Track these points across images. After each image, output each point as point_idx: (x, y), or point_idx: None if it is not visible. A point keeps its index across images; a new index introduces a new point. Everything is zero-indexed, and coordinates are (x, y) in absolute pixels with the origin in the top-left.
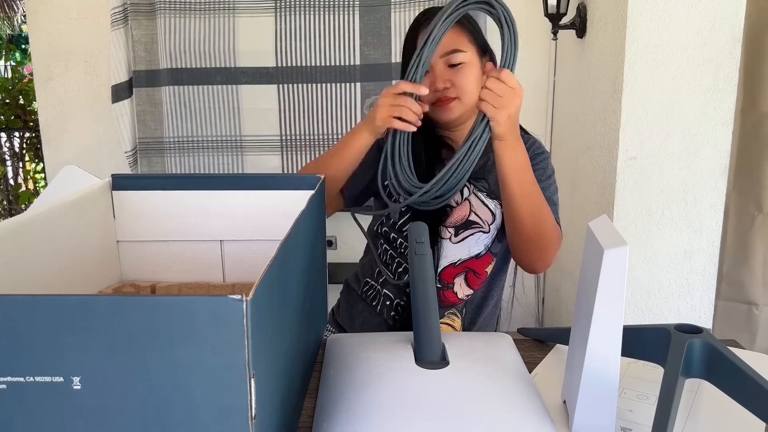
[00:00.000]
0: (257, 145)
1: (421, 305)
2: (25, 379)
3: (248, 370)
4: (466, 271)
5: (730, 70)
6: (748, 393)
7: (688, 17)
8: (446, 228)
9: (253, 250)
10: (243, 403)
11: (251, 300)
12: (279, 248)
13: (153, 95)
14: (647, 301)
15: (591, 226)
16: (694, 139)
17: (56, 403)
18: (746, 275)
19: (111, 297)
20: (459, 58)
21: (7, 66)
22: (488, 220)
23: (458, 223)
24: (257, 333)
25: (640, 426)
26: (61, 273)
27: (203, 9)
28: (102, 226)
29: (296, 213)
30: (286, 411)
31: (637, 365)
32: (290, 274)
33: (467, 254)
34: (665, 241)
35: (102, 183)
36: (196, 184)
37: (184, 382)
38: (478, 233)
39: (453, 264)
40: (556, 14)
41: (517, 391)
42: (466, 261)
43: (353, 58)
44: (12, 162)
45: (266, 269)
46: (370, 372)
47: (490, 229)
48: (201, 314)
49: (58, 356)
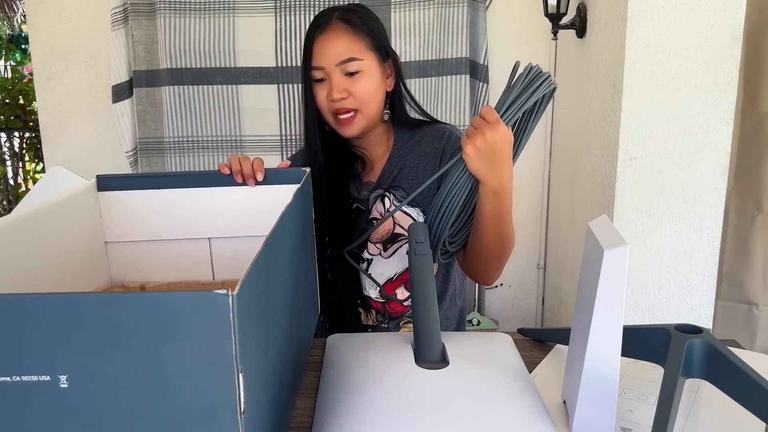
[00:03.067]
0: (257, 145)
1: (421, 305)
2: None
3: (236, 365)
4: (405, 282)
5: (730, 70)
6: (748, 393)
7: (688, 17)
8: (374, 244)
9: (242, 246)
10: (231, 399)
11: (237, 294)
12: (264, 243)
13: (153, 95)
14: (647, 301)
15: (591, 226)
16: (694, 139)
17: (43, 402)
18: (746, 275)
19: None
20: (355, 66)
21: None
22: None
23: (384, 238)
24: (245, 328)
25: (640, 426)
26: (49, 275)
27: (203, 9)
28: (89, 228)
29: (282, 207)
30: (277, 406)
31: (637, 365)
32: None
33: (402, 267)
34: (665, 240)
35: (88, 184)
36: (182, 182)
37: (172, 378)
38: (406, 244)
39: (390, 279)
40: (556, 14)
41: (517, 391)
42: (403, 273)
43: None
44: (12, 162)
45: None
46: (370, 372)
47: None
48: (187, 310)
49: (44, 355)
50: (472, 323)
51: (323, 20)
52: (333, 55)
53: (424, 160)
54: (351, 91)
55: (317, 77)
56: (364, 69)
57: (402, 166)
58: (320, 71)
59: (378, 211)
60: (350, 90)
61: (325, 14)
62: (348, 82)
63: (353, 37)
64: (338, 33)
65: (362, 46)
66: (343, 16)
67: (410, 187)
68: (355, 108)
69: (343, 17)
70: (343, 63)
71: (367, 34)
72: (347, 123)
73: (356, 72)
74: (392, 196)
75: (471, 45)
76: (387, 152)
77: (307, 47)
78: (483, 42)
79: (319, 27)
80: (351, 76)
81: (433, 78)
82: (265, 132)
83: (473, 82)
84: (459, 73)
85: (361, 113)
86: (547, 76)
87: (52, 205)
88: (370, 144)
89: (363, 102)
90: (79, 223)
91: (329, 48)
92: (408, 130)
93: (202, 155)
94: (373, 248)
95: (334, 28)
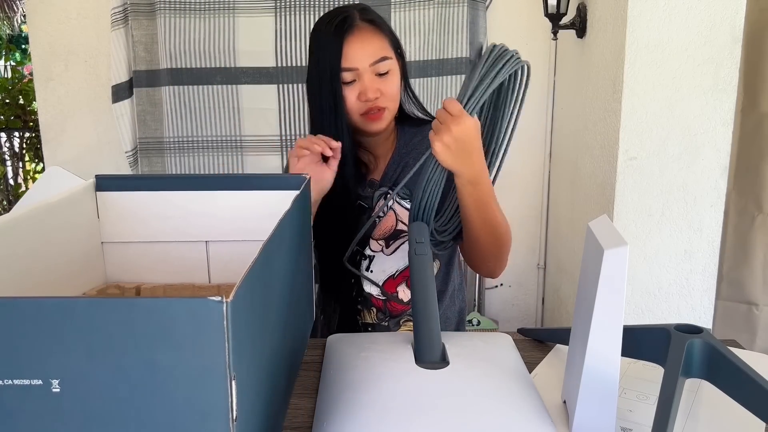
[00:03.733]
0: (257, 145)
1: (421, 305)
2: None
3: (229, 373)
4: (406, 279)
5: (730, 70)
6: (748, 393)
7: (688, 17)
8: (376, 241)
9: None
10: (224, 406)
11: (232, 302)
12: (261, 249)
13: (153, 95)
14: (647, 301)
15: (591, 226)
16: (694, 139)
17: (35, 406)
18: (746, 275)
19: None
20: (386, 66)
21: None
22: None
23: (387, 235)
24: (238, 335)
25: (640, 426)
26: (45, 275)
27: (203, 9)
28: (86, 228)
29: (281, 213)
30: (270, 412)
31: (637, 365)
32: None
33: (404, 264)
34: (665, 240)
35: (86, 184)
36: (180, 184)
37: (164, 384)
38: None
39: (392, 276)
40: (556, 14)
41: (517, 391)
42: (404, 270)
43: None
44: (12, 162)
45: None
46: (370, 372)
47: None
48: (180, 316)
49: (36, 359)
50: (472, 323)
51: (348, 21)
52: (366, 55)
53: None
54: (383, 90)
55: (348, 79)
56: (392, 68)
57: (405, 164)
58: (352, 72)
59: (382, 209)
60: (382, 89)
61: (345, 14)
62: (379, 82)
63: (381, 37)
64: (368, 34)
65: (388, 45)
66: (367, 17)
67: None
68: (385, 106)
69: (367, 18)
70: (376, 63)
71: (389, 33)
72: (377, 118)
73: (386, 72)
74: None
75: (471, 45)
76: (390, 150)
77: (334, 49)
78: (483, 42)
79: (347, 28)
80: (381, 76)
81: (433, 78)
82: (265, 132)
83: None
84: (459, 73)
85: (389, 110)
86: (512, 55)
87: (49, 204)
88: (375, 143)
89: (392, 100)
90: (76, 223)
91: (362, 49)
92: (411, 129)
93: (202, 155)
94: (375, 245)
95: (362, 29)
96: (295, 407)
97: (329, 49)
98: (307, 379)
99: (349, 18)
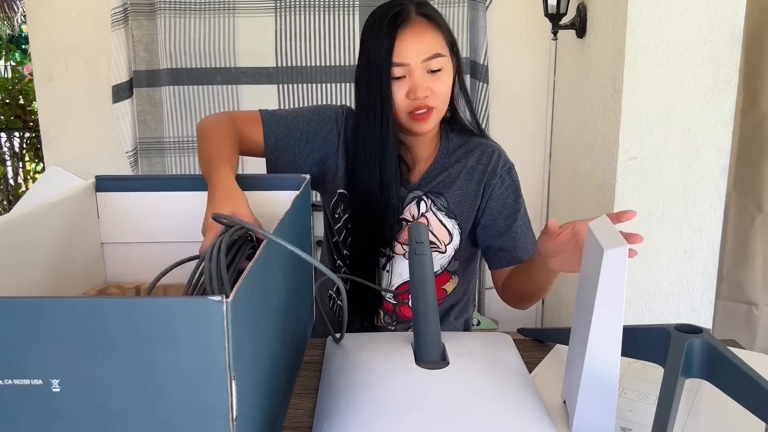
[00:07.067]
0: None
1: (421, 305)
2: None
3: (229, 372)
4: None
5: (730, 70)
6: (748, 393)
7: (688, 17)
8: (401, 244)
9: None
10: (224, 405)
11: (232, 301)
12: (261, 249)
13: (153, 95)
14: (647, 301)
15: (591, 226)
16: (694, 139)
17: (35, 406)
18: (746, 275)
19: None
20: (438, 64)
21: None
22: (445, 240)
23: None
24: (238, 334)
25: (640, 426)
26: (46, 275)
27: (203, 9)
28: (86, 228)
29: (281, 214)
30: (270, 411)
31: (637, 365)
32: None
33: None
34: (665, 241)
35: (86, 184)
36: (180, 185)
37: (164, 384)
38: (434, 253)
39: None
40: (556, 14)
41: (517, 391)
42: None
43: (353, 58)
44: (12, 162)
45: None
46: (370, 372)
47: (447, 249)
48: (180, 316)
49: (36, 359)
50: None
51: (403, 14)
52: (419, 51)
53: (470, 174)
54: (433, 89)
55: (397, 74)
56: (445, 66)
57: (448, 174)
58: (402, 68)
59: (410, 213)
60: (432, 88)
61: (400, 7)
62: (430, 80)
63: (437, 33)
64: (423, 28)
65: (443, 42)
66: (422, 11)
67: (452, 197)
68: (434, 106)
69: (422, 12)
70: (428, 60)
71: (446, 30)
72: (424, 118)
73: (438, 69)
74: (430, 201)
75: (471, 45)
76: (433, 155)
77: (386, 43)
78: (483, 42)
79: (401, 22)
80: (433, 73)
81: None
82: None
83: (473, 82)
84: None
85: (437, 110)
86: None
87: (49, 205)
88: (418, 143)
89: (441, 100)
90: (76, 223)
91: (415, 43)
92: (456, 138)
93: None
94: (399, 248)
95: (417, 23)
96: (295, 407)
97: (380, 42)
98: (307, 379)
99: (403, 11)
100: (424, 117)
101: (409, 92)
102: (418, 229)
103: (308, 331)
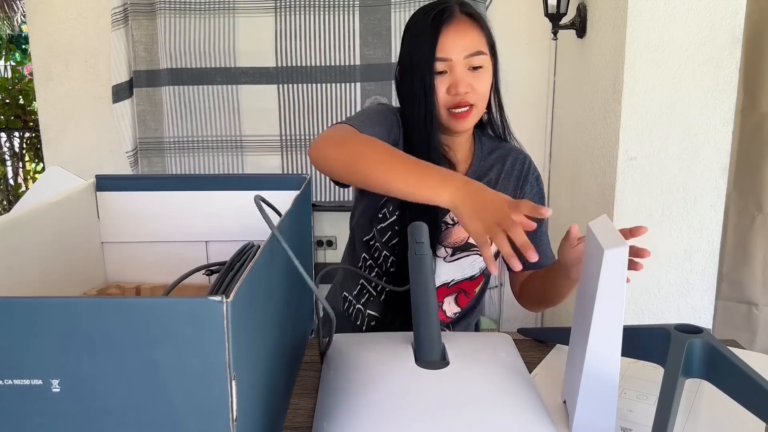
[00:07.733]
0: (257, 145)
1: (421, 305)
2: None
3: (229, 372)
4: (459, 291)
5: (730, 70)
6: (748, 393)
7: (688, 17)
8: (443, 247)
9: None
10: (224, 406)
11: (232, 301)
12: (262, 249)
13: (153, 95)
14: (647, 301)
15: (591, 226)
16: (694, 139)
17: (35, 406)
18: (746, 275)
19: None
20: (480, 61)
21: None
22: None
23: (457, 244)
24: (238, 334)
25: (640, 426)
26: (46, 275)
27: (203, 9)
28: (86, 228)
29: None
30: (270, 411)
31: (637, 365)
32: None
33: (461, 275)
34: (665, 241)
35: (86, 184)
36: (180, 184)
37: (164, 384)
38: (474, 256)
39: (446, 284)
40: (556, 14)
41: (517, 391)
42: (460, 282)
43: (353, 58)
44: (12, 162)
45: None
46: (370, 372)
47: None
48: (180, 316)
49: (36, 359)
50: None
51: (447, 12)
52: (462, 47)
53: (506, 179)
54: (473, 86)
55: (439, 69)
56: (485, 65)
57: (489, 178)
58: (444, 63)
59: (450, 216)
60: (473, 85)
61: (444, 5)
62: (471, 77)
63: (479, 31)
64: (466, 25)
65: (484, 41)
66: (466, 10)
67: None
68: (473, 103)
69: (466, 11)
70: (470, 56)
71: (487, 30)
72: (464, 117)
73: (479, 67)
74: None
75: None
76: (469, 157)
77: (430, 38)
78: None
79: (445, 19)
80: (474, 70)
81: None
82: (265, 132)
83: None
84: None
85: (476, 108)
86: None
87: (49, 204)
88: (457, 144)
89: (481, 98)
90: (76, 223)
91: (459, 39)
92: (489, 141)
93: (202, 155)
94: (441, 251)
95: (461, 20)
96: (295, 407)
97: (424, 38)
98: (307, 379)
99: (448, 9)
100: (464, 115)
101: (450, 87)
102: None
103: (308, 331)
